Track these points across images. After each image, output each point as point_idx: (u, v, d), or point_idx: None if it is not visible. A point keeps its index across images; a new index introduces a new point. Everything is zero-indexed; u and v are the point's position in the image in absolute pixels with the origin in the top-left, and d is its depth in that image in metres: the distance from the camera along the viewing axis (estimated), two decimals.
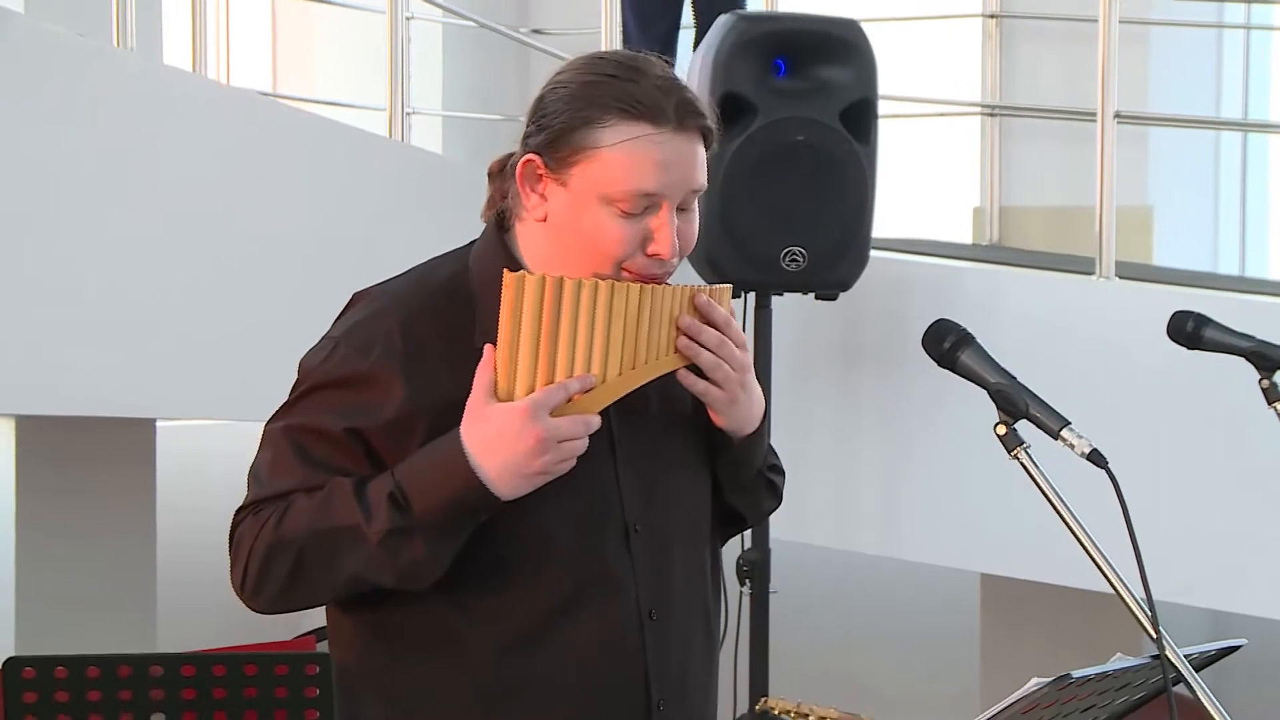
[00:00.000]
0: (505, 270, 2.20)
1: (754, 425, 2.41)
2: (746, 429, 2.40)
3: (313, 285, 4.56)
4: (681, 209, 2.27)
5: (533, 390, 2.18)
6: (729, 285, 2.39)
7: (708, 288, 2.34)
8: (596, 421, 2.22)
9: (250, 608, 2.30)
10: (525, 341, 2.18)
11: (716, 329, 2.31)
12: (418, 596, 2.26)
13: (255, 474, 2.29)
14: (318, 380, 2.27)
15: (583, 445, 2.21)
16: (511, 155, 2.33)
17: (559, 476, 2.22)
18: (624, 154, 2.22)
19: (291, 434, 2.26)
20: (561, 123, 2.24)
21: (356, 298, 2.36)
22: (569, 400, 2.20)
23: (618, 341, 2.23)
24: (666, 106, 2.23)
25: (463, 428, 2.19)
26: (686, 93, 2.27)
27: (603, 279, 2.23)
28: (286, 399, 2.31)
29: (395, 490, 2.18)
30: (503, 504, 2.21)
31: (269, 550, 2.22)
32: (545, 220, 2.27)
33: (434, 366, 2.25)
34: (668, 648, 2.34)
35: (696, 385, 2.33)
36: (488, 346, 2.20)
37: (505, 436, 2.16)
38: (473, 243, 2.37)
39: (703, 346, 2.30)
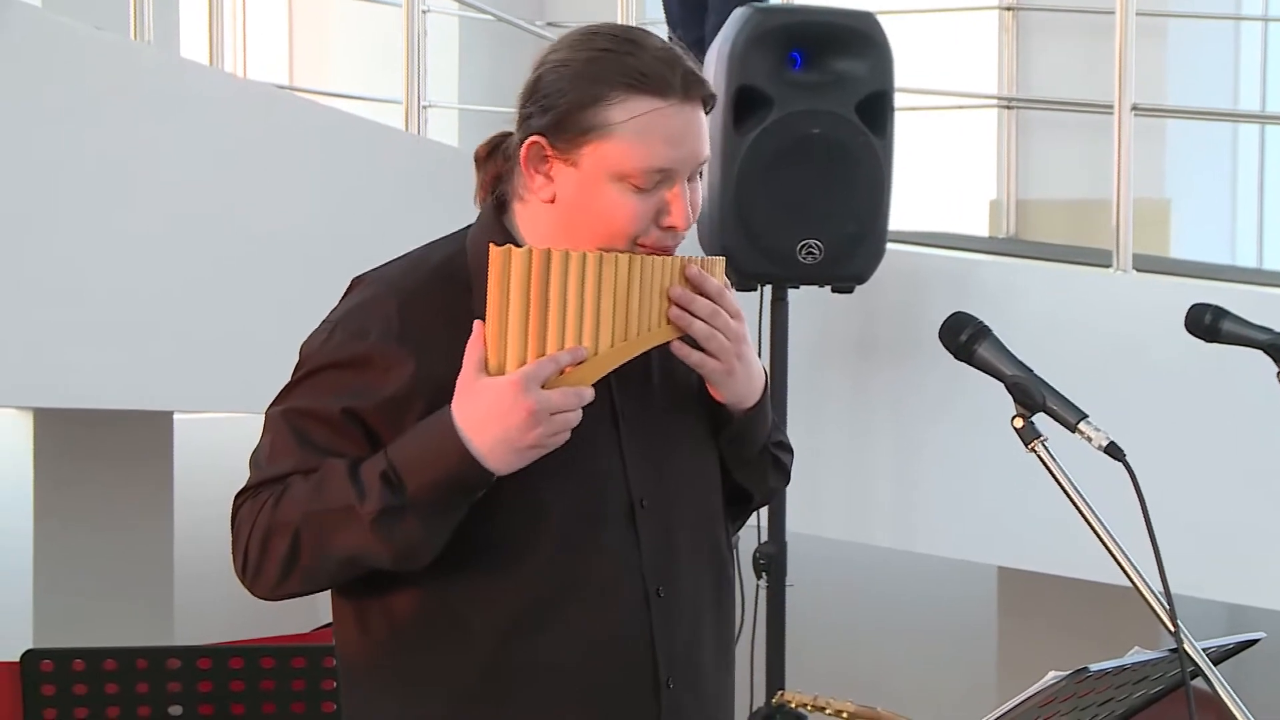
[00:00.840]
0: (491, 245, 2.18)
1: (754, 399, 2.38)
2: (746, 402, 2.38)
3: (329, 277, 4.55)
4: (689, 179, 2.26)
5: (524, 364, 2.16)
6: (723, 258, 2.37)
7: (699, 259, 2.31)
8: (589, 394, 2.19)
9: (253, 593, 2.29)
10: (514, 315, 2.16)
11: (710, 299, 2.29)
12: (421, 578, 2.25)
13: (255, 459, 2.29)
14: (316, 364, 2.27)
15: (576, 417, 2.18)
16: (500, 138, 2.33)
17: (562, 453, 2.20)
18: (636, 131, 2.21)
19: (290, 417, 2.26)
20: (567, 102, 2.22)
21: (355, 283, 2.36)
22: (561, 373, 2.18)
23: (608, 313, 2.20)
24: (672, 78, 2.22)
25: (454, 404, 2.17)
26: (688, 61, 2.26)
27: (609, 253, 2.21)
28: (286, 385, 2.31)
29: (388, 469, 2.17)
30: (503, 481, 2.20)
31: (266, 533, 2.22)
32: (553, 201, 2.26)
33: (431, 347, 2.24)
34: (675, 626, 2.33)
35: (691, 356, 2.30)
36: (477, 322, 2.18)
37: (496, 410, 2.15)
38: (468, 227, 2.36)
39: (696, 317, 2.28)
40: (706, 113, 2.28)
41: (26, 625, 5.41)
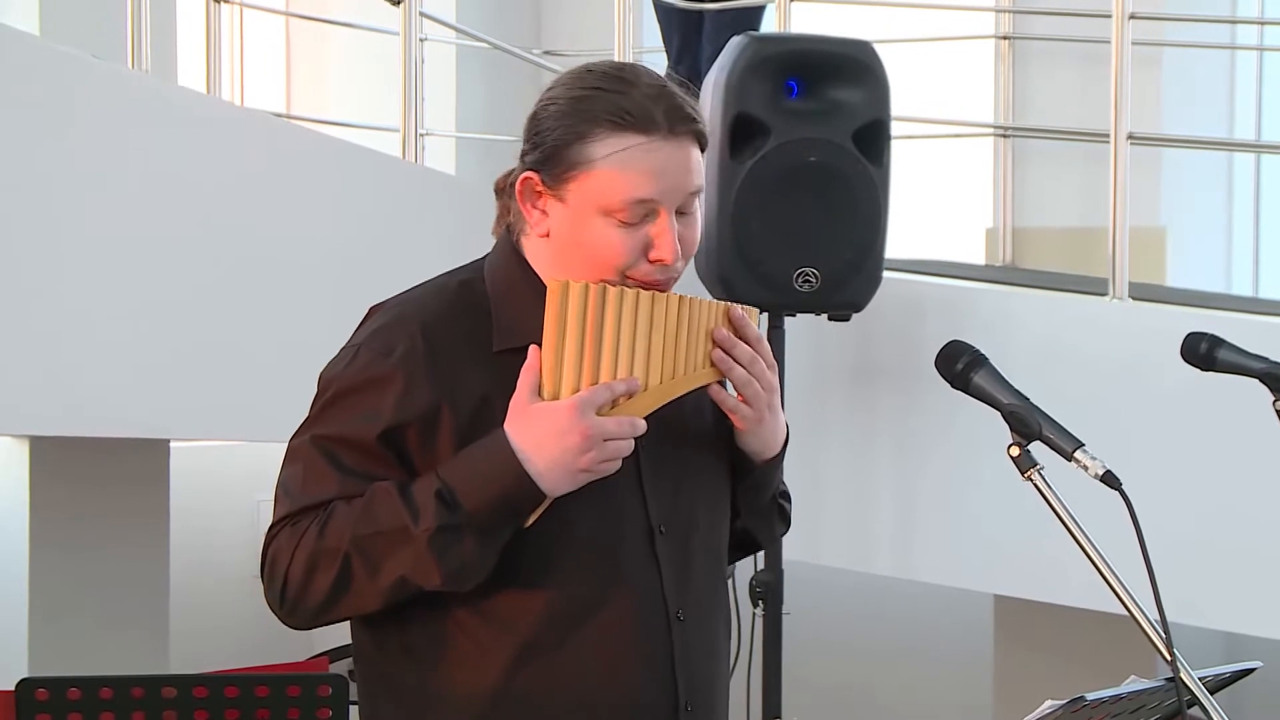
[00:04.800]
0: (551, 278, 2.24)
1: (777, 449, 2.44)
2: (769, 452, 2.44)
3: (327, 305, 4.57)
4: (682, 213, 2.29)
5: (578, 391, 2.21)
6: (756, 309, 2.42)
7: (739, 307, 2.37)
8: (642, 425, 2.24)
9: (289, 624, 2.30)
10: (570, 345, 2.22)
11: (749, 345, 2.34)
12: (443, 601, 2.26)
13: (284, 489, 2.29)
14: (341, 387, 2.28)
15: (628, 446, 2.23)
16: (512, 172, 2.36)
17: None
18: (617, 165, 2.24)
19: (320, 443, 2.27)
20: (554, 139, 2.27)
21: (373, 309, 2.39)
22: (613, 405, 2.23)
23: (658, 350, 2.27)
24: (655, 114, 2.25)
25: (508, 425, 2.21)
26: (676, 98, 2.28)
27: (660, 293, 2.27)
28: (310, 412, 2.32)
29: (443, 488, 2.20)
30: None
31: (310, 560, 2.23)
32: (548, 235, 2.31)
33: (456, 367, 2.27)
34: (694, 650, 2.37)
35: (727, 401, 2.37)
36: (532, 349, 2.23)
37: (552, 432, 2.19)
38: (485, 256, 2.40)
39: (736, 361, 2.33)
40: (701, 148, 2.30)
41: (22, 653, 5.39)
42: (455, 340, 2.29)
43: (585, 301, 2.22)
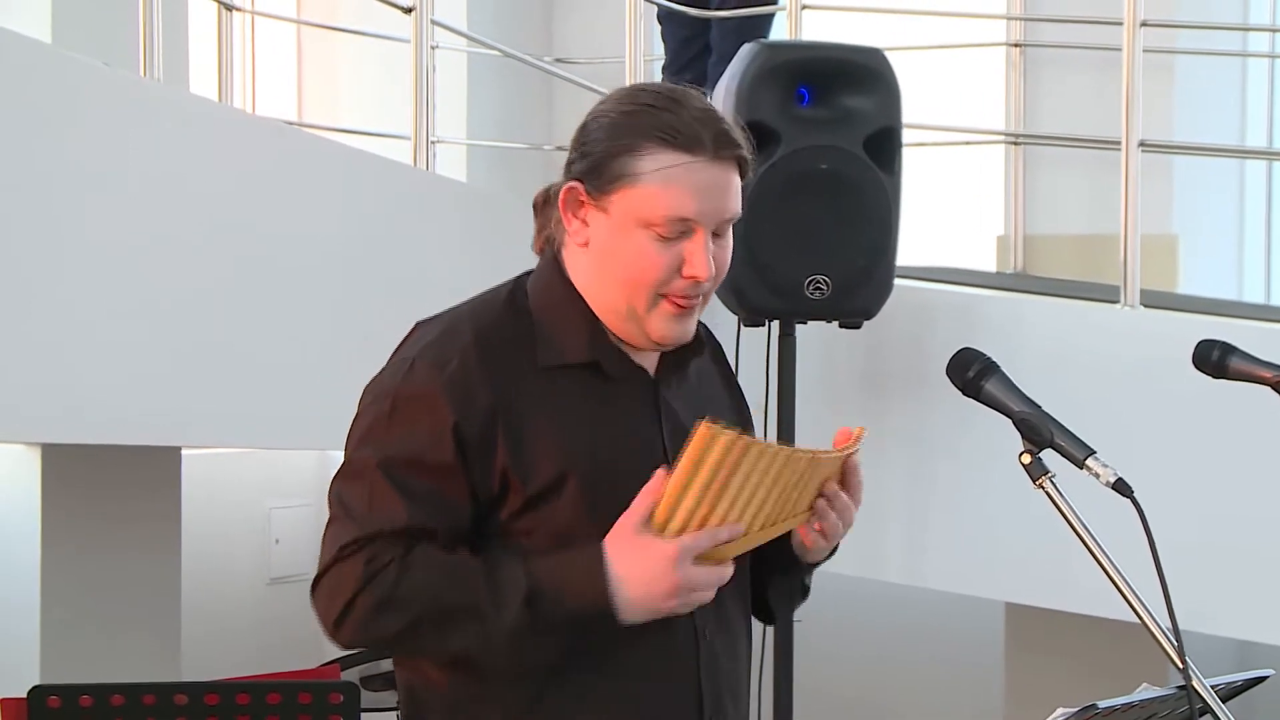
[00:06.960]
0: (704, 423, 2.23)
1: (824, 556, 2.53)
2: (819, 559, 2.54)
3: (338, 313, 4.57)
4: (716, 235, 2.34)
5: (684, 528, 2.25)
6: (863, 429, 2.43)
7: (855, 431, 2.41)
8: (729, 573, 2.30)
9: (337, 642, 2.35)
10: (697, 487, 2.24)
11: (851, 492, 2.40)
12: None
13: (346, 507, 2.32)
14: (401, 399, 2.32)
15: (709, 597, 2.29)
16: (552, 186, 2.41)
17: (626, 499, 2.28)
18: (662, 181, 2.29)
19: (388, 467, 2.30)
20: (602, 150, 2.32)
21: (420, 325, 2.43)
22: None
23: (772, 501, 2.30)
24: (704, 136, 2.31)
25: (610, 545, 2.26)
26: (724, 123, 2.34)
27: (796, 453, 2.29)
28: (367, 424, 2.34)
29: (532, 593, 2.24)
30: (576, 527, 2.29)
31: (381, 604, 2.27)
32: (587, 245, 2.36)
33: (509, 379, 2.32)
34: (718, 665, 2.43)
35: (808, 536, 2.42)
36: (660, 472, 2.27)
37: (648, 573, 2.24)
38: (526, 274, 2.44)
39: (831, 507, 2.39)
40: (742, 175, 2.36)
41: (33, 660, 5.39)
42: (506, 352, 2.34)
43: (726, 455, 2.22)
